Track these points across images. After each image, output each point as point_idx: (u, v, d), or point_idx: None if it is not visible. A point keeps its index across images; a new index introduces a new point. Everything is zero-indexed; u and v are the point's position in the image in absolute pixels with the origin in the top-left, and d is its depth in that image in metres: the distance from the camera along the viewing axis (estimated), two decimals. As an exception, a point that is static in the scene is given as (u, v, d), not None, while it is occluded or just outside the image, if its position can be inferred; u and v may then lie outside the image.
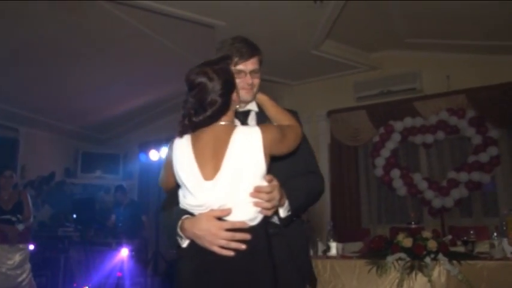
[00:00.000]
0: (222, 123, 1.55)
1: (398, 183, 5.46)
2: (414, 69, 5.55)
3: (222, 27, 4.65)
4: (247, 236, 1.45)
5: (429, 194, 5.22)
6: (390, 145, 5.58)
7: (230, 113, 1.59)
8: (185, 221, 1.52)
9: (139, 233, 6.13)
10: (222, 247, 1.44)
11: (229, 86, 1.58)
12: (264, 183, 1.49)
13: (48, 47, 4.99)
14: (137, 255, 5.75)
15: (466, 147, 5.33)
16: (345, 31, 5.00)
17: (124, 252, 5.31)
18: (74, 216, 6.38)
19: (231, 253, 1.44)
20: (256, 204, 1.48)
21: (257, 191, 1.48)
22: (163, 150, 7.27)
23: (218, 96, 1.53)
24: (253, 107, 1.83)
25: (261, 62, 1.81)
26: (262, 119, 1.78)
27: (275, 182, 1.52)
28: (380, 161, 5.62)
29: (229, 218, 1.47)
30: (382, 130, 5.69)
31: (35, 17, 4.39)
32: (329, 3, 4.20)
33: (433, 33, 5.08)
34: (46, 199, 6.92)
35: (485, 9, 4.31)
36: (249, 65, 1.75)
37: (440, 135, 5.32)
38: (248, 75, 1.74)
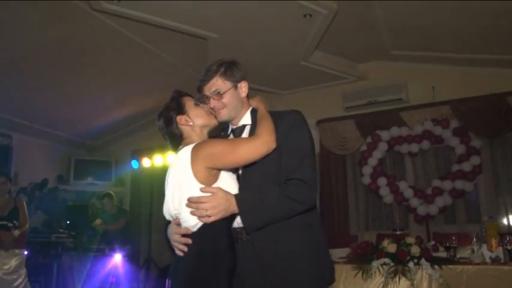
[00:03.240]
0: (180, 146, 1.81)
1: (385, 191, 5.62)
2: (400, 80, 5.73)
3: (214, 38, 4.80)
4: (188, 240, 1.69)
5: (414, 202, 5.39)
6: (377, 154, 5.75)
7: (191, 135, 1.85)
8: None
9: (131, 239, 6.20)
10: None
11: (167, 120, 1.86)
12: (202, 194, 1.67)
13: (42, 57, 5.08)
14: (129, 260, 5.83)
15: (450, 156, 5.52)
16: (333, 42, 5.16)
17: (117, 258, 5.39)
18: (68, 222, 6.44)
19: (180, 253, 1.70)
20: (191, 213, 1.68)
21: (190, 201, 1.68)
22: (156, 158, 7.39)
23: (164, 131, 1.88)
24: (246, 121, 1.93)
25: (226, 79, 1.87)
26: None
27: (209, 194, 1.67)
28: (367, 169, 5.77)
29: (182, 225, 1.72)
30: (369, 139, 5.85)
31: (29, 28, 4.49)
32: (317, 18, 4.37)
33: (418, 46, 5.27)
34: (39, 205, 6.97)
35: (468, 25, 4.50)
36: (206, 90, 1.87)
37: (425, 144, 5.50)
38: (211, 99, 1.86)
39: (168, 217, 1.82)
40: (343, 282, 3.49)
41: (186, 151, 1.73)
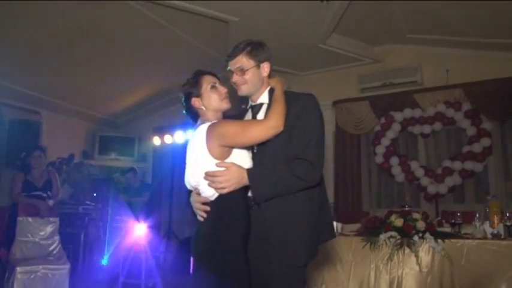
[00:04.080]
0: (198, 122, 2.07)
1: (397, 170, 5.83)
2: (415, 63, 5.87)
3: (235, 22, 5.01)
4: (207, 208, 1.96)
5: (425, 181, 5.60)
6: (390, 134, 5.94)
7: (206, 115, 2.07)
8: None
9: (153, 212, 6.54)
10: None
11: (185, 96, 2.11)
12: (217, 169, 1.92)
13: (72, 38, 5.36)
14: (152, 232, 6.18)
15: (461, 137, 5.68)
16: (350, 26, 5.32)
17: (141, 229, 5.72)
18: (94, 194, 6.81)
19: (201, 219, 1.98)
20: (208, 185, 1.95)
21: (206, 175, 1.94)
22: (177, 135, 7.70)
23: (183, 106, 2.14)
24: (264, 99, 2.13)
25: (250, 58, 2.07)
26: None
27: (223, 169, 1.92)
28: (380, 149, 5.98)
29: (202, 195, 1.99)
30: (383, 120, 6.04)
31: (62, 9, 4.75)
32: (335, 2, 4.54)
33: (433, 29, 5.40)
34: (66, 179, 7.36)
35: (482, 9, 4.61)
36: (232, 65, 2.09)
37: (438, 126, 5.68)
38: (234, 74, 2.08)
39: (189, 187, 2.08)
40: (352, 252, 3.75)
41: (202, 129, 1.97)
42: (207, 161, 1.95)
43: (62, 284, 4.00)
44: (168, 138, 7.76)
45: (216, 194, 1.95)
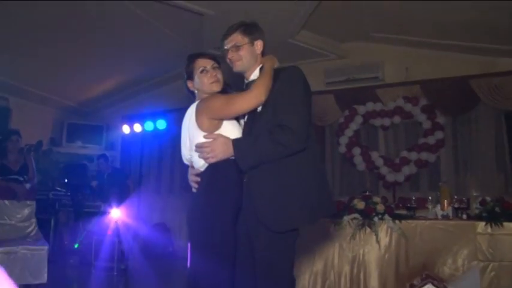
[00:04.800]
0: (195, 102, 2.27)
1: (358, 160, 6.23)
2: (378, 60, 6.27)
3: (210, 15, 5.22)
4: (198, 179, 2.18)
5: (384, 170, 6.03)
6: (353, 126, 6.33)
7: (199, 96, 2.26)
8: None
9: (126, 198, 6.68)
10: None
11: (185, 77, 2.31)
12: (205, 140, 2.11)
13: (41, 24, 5.37)
14: (123, 217, 6.32)
15: (418, 130, 6.14)
16: (318, 23, 5.63)
17: (115, 213, 5.87)
18: (65, 181, 6.88)
19: (194, 190, 2.22)
20: (198, 156, 2.16)
21: (196, 147, 2.16)
22: (146, 124, 7.84)
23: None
24: (255, 76, 2.24)
25: (244, 35, 2.22)
26: None
27: (210, 140, 2.10)
28: (344, 140, 6.37)
29: (194, 166, 2.22)
30: (346, 113, 6.42)
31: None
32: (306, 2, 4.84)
33: (395, 29, 5.79)
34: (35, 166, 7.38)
35: (442, 14, 5.03)
36: (227, 43, 2.24)
37: (397, 119, 6.11)
38: (229, 52, 2.23)
39: (185, 161, 2.32)
40: (317, 233, 4.09)
41: (192, 107, 2.21)
42: (197, 134, 2.14)
43: (42, 264, 4.12)
44: (137, 127, 7.90)
45: (206, 165, 2.13)
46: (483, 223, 3.69)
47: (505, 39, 5.31)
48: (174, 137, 6.58)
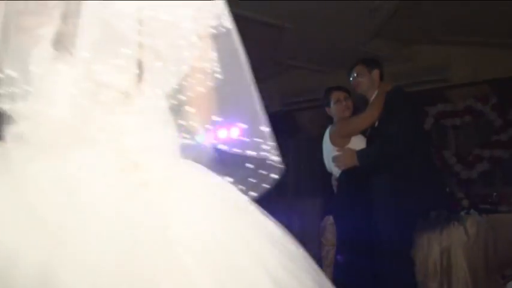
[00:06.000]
0: None
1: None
2: (445, 62, 6.49)
3: (289, 29, 5.64)
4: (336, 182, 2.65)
5: (458, 167, 6.26)
6: (425, 127, 6.57)
7: (334, 118, 3.05)
8: None
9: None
10: None
11: (324, 104, 3.12)
12: (336, 154, 2.90)
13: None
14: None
15: (489, 128, 6.30)
16: (386, 28, 5.94)
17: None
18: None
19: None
20: (334, 166, 3.01)
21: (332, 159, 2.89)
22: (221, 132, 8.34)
23: None
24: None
25: (364, 67, 3.09)
26: None
27: (339, 153, 2.87)
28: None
29: (334, 173, 3.04)
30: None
31: None
32: (381, 12, 5.18)
33: (462, 31, 6.00)
34: None
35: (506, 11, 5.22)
36: (352, 73, 3.09)
37: (468, 118, 6.32)
38: (353, 80, 3.04)
39: (328, 170, 3.00)
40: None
41: (328, 130, 2.96)
42: (332, 149, 2.74)
43: None
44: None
45: (339, 171, 2.72)
46: None
47: None
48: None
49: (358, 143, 2.84)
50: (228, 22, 0.82)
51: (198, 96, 0.75)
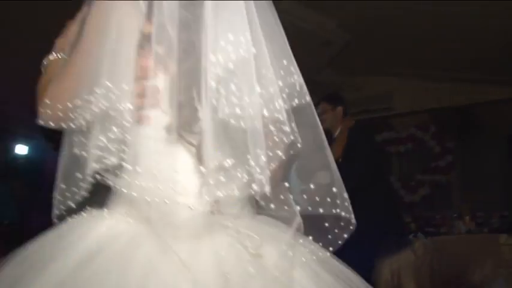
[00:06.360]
0: None
1: (377, 183, 6.84)
2: (389, 91, 6.95)
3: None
4: None
5: (402, 192, 6.66)
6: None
7: None
8: None
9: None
10: None
11: None
12: None
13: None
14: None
15: (429, 155, 6.79)
16: (339, 60, 6.30)
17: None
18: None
19: None
20: None
21: None
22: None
23: None
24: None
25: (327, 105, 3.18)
26: None
27: None
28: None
29: None
30: (363, 140, 7.06)
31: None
32: (336, 45, 5.52)
33: (407, 64, 6.48)
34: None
35: (444, 50, 5.73)
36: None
37: (409, 145, 6.78)
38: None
39: None
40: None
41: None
42: (299, 183, 2.82)
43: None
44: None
45: None
46: (505, 235, 4.31)
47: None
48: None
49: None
50: (307, 96, 0.92)
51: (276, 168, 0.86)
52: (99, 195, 0.89)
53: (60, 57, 1.05)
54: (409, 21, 5.15)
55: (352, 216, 0.87)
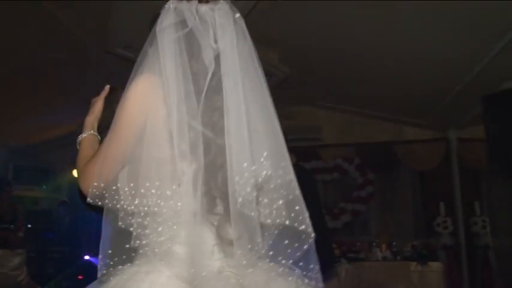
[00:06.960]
0: None
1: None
2: (319, 123, 7.41)
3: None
4: None
5: (325, 218, 7.05)
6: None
7: None
8: None
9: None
10: None
11: None
12: None
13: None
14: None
15: (352, 185, 7.31)
16: (275, 91, 6.62)
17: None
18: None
19: None
20: None
21: None
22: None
23: None
24: None
25: None
26: None
27: None
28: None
29: None
30: (292, 168, 7.42)
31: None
32: (272, 78, 5.84)
33: (336, 99, 6.99)
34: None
35: (370, 91, 6.28)
36: None
37: (336, 175, 7.25)
38: None
39: None
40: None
41: None
42: None
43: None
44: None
45: None
46: (414, 263, 4.81)
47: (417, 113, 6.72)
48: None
49: None
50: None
51: None
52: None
53: (90, 134, 1.30)
54: (342, 60, 5.62)
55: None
